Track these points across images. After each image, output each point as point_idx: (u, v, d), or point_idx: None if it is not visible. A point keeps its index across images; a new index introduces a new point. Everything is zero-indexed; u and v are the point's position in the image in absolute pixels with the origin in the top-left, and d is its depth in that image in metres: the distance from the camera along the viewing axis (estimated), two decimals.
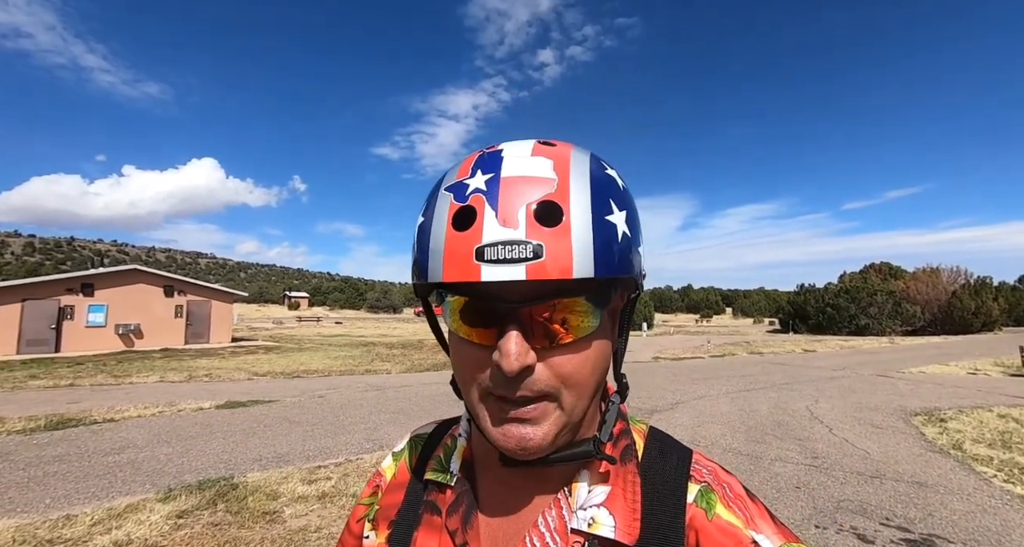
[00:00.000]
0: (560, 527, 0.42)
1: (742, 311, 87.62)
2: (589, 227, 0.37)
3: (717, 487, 0.44)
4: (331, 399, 8.14)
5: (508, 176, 0.39)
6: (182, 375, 10.90)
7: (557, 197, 0.37)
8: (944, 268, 43.43)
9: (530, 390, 0.39)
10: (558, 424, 0.40)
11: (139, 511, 3.46)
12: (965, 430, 6.20)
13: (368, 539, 0.52)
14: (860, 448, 5.35)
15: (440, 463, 0.51)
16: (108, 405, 7.28)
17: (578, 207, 0.38)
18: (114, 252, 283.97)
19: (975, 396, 8.78)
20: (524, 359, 0.37)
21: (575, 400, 0.40)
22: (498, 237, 0.36)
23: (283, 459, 4.82)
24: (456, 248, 0.37)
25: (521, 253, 0.35)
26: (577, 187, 0.39)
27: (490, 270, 0.36)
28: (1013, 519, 3.52)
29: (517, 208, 0.37)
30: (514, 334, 0.37)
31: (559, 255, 0.36)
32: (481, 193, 0.38)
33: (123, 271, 18.98)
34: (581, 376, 0.40)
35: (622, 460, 0.45)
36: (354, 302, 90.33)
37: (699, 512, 0.42)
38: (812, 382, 10.38)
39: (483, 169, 0.40)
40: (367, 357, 15.11)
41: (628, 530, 0.41)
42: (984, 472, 4.59)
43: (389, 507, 0.52)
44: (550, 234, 0.36)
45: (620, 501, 0.43)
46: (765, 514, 0.43)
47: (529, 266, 0.35)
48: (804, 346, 21.49)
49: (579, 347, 0.40)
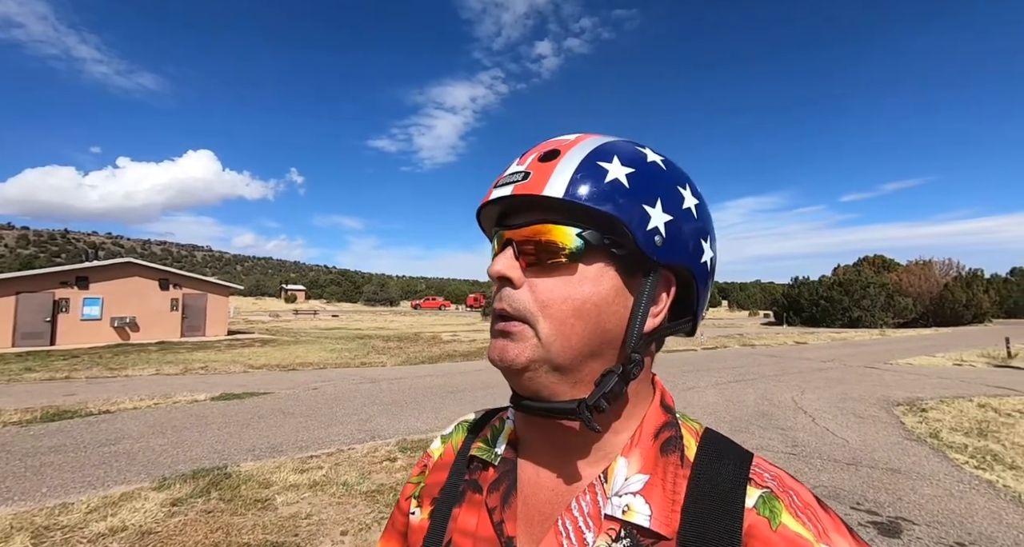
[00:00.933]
0: (594, 512, 0.42)
1: (738, 304, 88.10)
2: (575, 164, 0.43)
3: (782, 494, 0.41)
4: (325, 391, 8.25)
5: (549, 140, 0.48)
6: (178, 368, 10.98)
7: (562, 147, 0.45)
8: (937, 261, 43.80)
9: (509, 304, 0.43)
10: (532, 349, 0.42)
11: (134, 499, 3.55)
12: (944, 419, 6.36)
13: (414, 515, 0.54)
14: (840, 437, 5.50)
15: (487, 442, 0.53)
16: (104, 397, 7.36)
17: (574, 152, 0.44)
18: (109, 245, 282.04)
19: (958, 386, 8.96)
20: (504, 268, 0.43)
21: (553, 334, 0.42)
22: (510, 171, 0.46)
23: (276, 449, 4.92)
24: (493, 183, 0.47)
25: (516, 178, 0.44)
26: (584, 144, 0.46)
27: (495, 192, 0.45)
28: (978, 502, 3.67)
29: (533, 153, 0.46)
30: (508, 250, 0.45)
31: (540, 178, 0.43)
32: (526, 152, 0.48)
33: (118, 264, 18.93)
34: (560, 309, 0.42)
35: (663, 451, 0.44)
36: (351, 295, 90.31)
37: (761, 520, 0.39)
38: (800, 373, 10.55)
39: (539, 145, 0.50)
40: (363, 350, 15.21)
41: (666, 521, 0.40)
42: (956, 459, 4.74)
43: (434, 485, 0.55)
44: (540, 165, 0.44)
45: (658, 491, 0.42)
46: (841, 527, 0.39)
47: (516, 186, 0.44)
48: (796, 338, 21.72)
49: (562, 275, 0.43)
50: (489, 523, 0.46)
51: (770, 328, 32.97)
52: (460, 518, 0.48)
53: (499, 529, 0.45)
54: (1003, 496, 3.80)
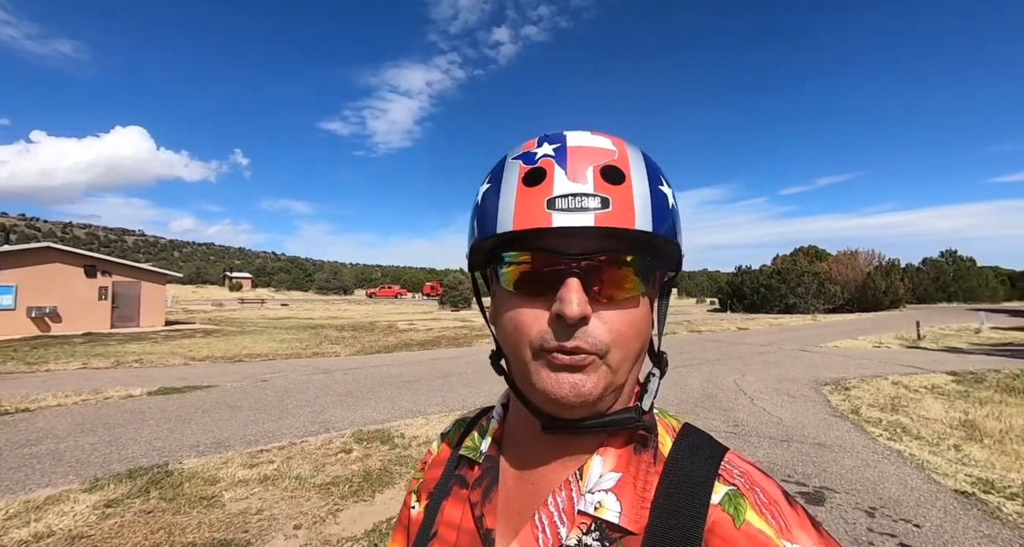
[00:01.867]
0: (568, 508, 0.44)
1: (686, 291, 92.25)
2: (647, 189, 0.42)
3: (748, 492, 0.41)
4: (275, 383, 7.94)
5: (574, 145, 0.44)
6: (108, 361, 10.19)
7: (619, 163, 0.43)
8: (862, 251, 47.66)
9: (585, 341, 0.40)
10: (606, 379, 0.42)
11: (61, 502, 3.31)
12: (864, 397, 7.01)
13: (414, 509, 0.57)
14: (775, 416, 5.94)
15: (473, 440, 0.56)
16: (22, 394, 6.73)
17: (637, 173, 0.43)
18: (23, 227, 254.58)
19: (876, 366, 9.88)
20: (584, 307, 0.40)
21: (621, 360, 0.42)
22: (568, 190, 0.40)
23: (223, 444, 4.71)
24: (527, 199, 0.41)
25: (590, 203, 0.40)
26: (635, 159, 0.44)
27: (561, 217, 0.39)
28: (888, 470, 4.10)
29: (585, 168, 0.41)
30: (575, 283, 0.40)
31: (623, 207, 0.40)
32: (550, 157, 0.43)
33: (35, 249, 17.16)
34: (629, 337, 0.43)
35: (637, 449, 0.45)
36: (301, 283, 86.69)
37: (725, 517, 0.39)
38: (742, 358, 11.25)
39: (549, 141, 0.45)
40: (315, 340, 14.72)
41: (635, 517, 0.41)
42: (873, 432, 5.26)
43: (431, 481, 0.57)
44: (615, 189, 0.41)
45: (629, 488, 0.43)
46: (805, 522, 0.40)
47: (598, 215, 0.39)
48: (739, 324, 23.10)
49: (630, 306, 0.43)
50: (471, 516, 0.48)
51: (715, 314, 34.84)
52: (447, 511, 0.51)
53: (479, 522, 0.47)
54: (909, 464, 4.27)
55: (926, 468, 4.15)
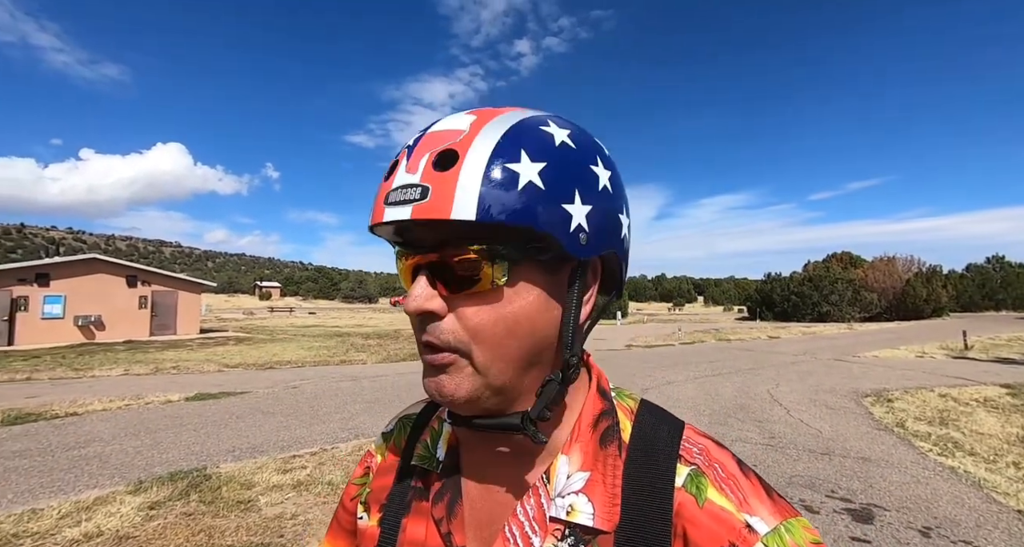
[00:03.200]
0: (538, 516, 0.42)
1: (713, 299, 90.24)
2: (480, 172, 0.37)
3: (708, 469, 0.42)
4: (305, 389, 8.10)
5: (432, 131, 0.41)
6: (148, 367, 10.60)
7: (459, 145, 0.39)
8: (900, 257, 45.74)
9: (436, 337, 0.39)
10: (471, 381, 0.40)
11: (109, 503, 3.43)
12: (909, 409, 6.67)
13: (362, 520, 0.53)
14: (814, 428, 5.71)
15: (426, 447, 0.51)
16: (70, 399, 7.05)
17: (475, 154, 0.38)
18: (70, 240, 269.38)
19: (920, 378, 9.40)
20: (423, 302, 0.39)
21: (489, 360, 0.39)
22: (402, 181, 0.38)
23: (257, 449, 4.81)
24: (379, 194, 0.40)
25: (411, 195, 0.37)
26: (484, 138, 0.39)
27: (389, 211, 0.38)
28: (942, 488, 3.87)
29: (422, 157, 0.39)
30: (421, 278, 0.39)
31: (442, 195, 0.36)
32: (407, 147, 0.41)
33: (82, 260, 18.13)
34: (494, 333, 0.39)
35: (602, 443, 0.44)
36: (328, 292, 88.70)
37: (689, 498, 0.40)
38: (774, 367, 10.89)
39: (421, 130, 0.43)
40: (342, 347, 14.98)
41: (607, 516, 0.40)
42: (921, 447, 4.98)
43: (380, 490, 0.53)
44: (439, 177, 0.37)
45: (599, 487, 0.41)
46: (760, 491, 0.41)
47: (415, 206, 0.37)
48: (769, 333, 22.40)
49: (490, 300, 0.39)
50: (437, 534, 0.45)
51: (744, 323, 33.90)
52: (408, 529, 0.47)
53: (448, 540, 0.44)
54: (964, 481, 4.02)
55: (984, 486, 3.90)
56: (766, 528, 0.38)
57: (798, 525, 0.39)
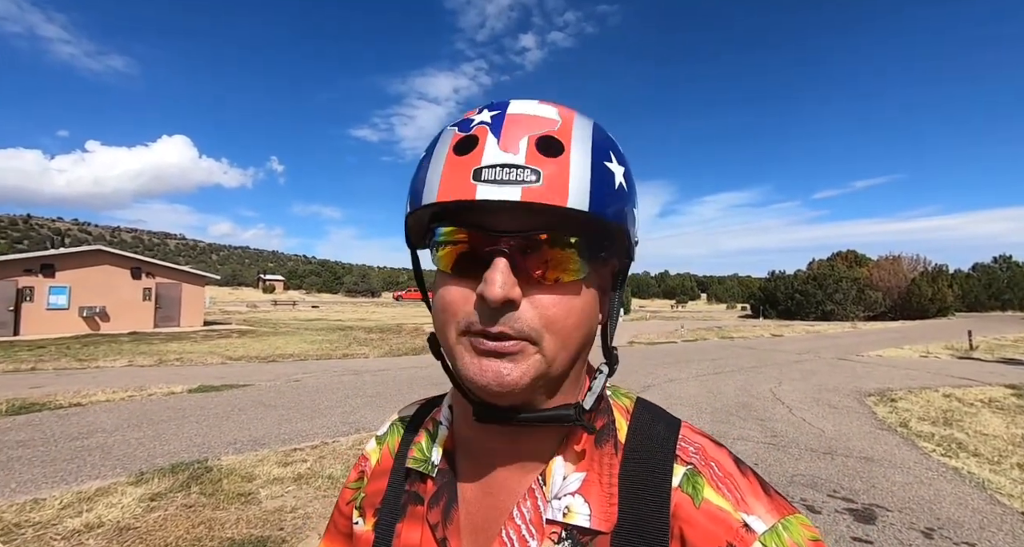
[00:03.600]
0: (535, 518, 0.41)
1: (716, 297, 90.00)
2: (588, 165, 0.37)
3: (704, 468, 0.42)
4: (307, 383, 8.12)
5: (514, 113, 0.40)
6: (152, 359, 10.66)
7: (559, 134, 0.38)
8: (905, 256, 45.40)
9: (511, 327, 0.37)
10: (537, 368, 0.38)
11: (110, 494, 3.44)
12: (912, 409, 6.62)
13: (357, 525, 0.53)
14: (816, 427, 5.68)
15: (421, 451, 0.50)
16: (74, 389, 7.10)
17: (579, 146, 0.38)
18: (75, 231, 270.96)
19: (925, 377, 9.34)
20: (509, 289, 0.36)
21: (557, 349, 0.39)
22: (497, 160, 0.36)
23: (258, 442, 4.83)
24: (454, 169, 0.37)
25: (519, 176, 0.35)
26: (579, 131, 0.39)
27: (486, 189, 0.36)
28: (945, 488, 3.84)
29: (519, 138, 0.37)
30: (502, 263, 0.37)
31: (556, 182, 0.36)
32: (486, 124, 0.39)
33: (87, 251, 18.22)
34: (566, 324, 0.39)
35: (598, 443, 0.43)
36: (331, 286, 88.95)
37: (685, 499, 0.40)
38: (777, 365, 10.84)
39: (489, 109, 0.41)
40: (344, 341, 15.02)
41: (604, 517, 0.40)
42: (925, 447, 4.95)
43: (374, 494, 0.52)
44: (549, 162, 0.36)
45: (596, 487, 0.41)
46: (757, 489, 0.41)
47: (526, 189, 0.35)
48: (772, 331, 22.32)
49: (566, 291, 0.39)
50: (432, 539, 0.44)
51: (747, 321, 33.77)
52: (404, 535, 0.46)
53: (443, 545, 0.44)
54: (968, 482, 3.99)
55: (988, 488, 3.87)
56: (764, 527, 0.38)
57: (796, 522, 0.38)
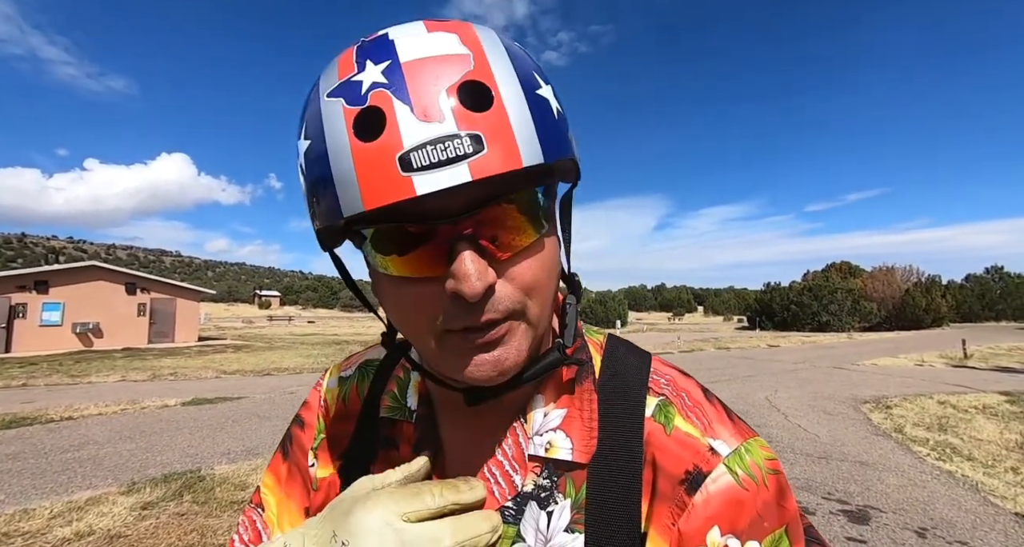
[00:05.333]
0: (517, 454, 0.42)
1: (713, 309, 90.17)
2: (524, 104, 0.31)
3: (675, 398, 0.43)
4: (302, 395, 8.06)
5: (411, 59, 0.31)
6: (145, 374, 10.57)
7: (478, 74, 0.31)
8: (898, 267, 45.82)
9: (496, 311, 0.33)
10: (528, 339, 0.36)
11: (101, 504, 3.41)
12: (907, 415, 6.64)
13: (313, 467, 0.51)
14: (812, 433, 5.68)
15: (395, 398, 0.49)
16: (65, 404, 7.03)
17: (506, 82, 0.31)
18: (70, 249, 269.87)
19: (920, 385, 9.37)
20: (486, 277, 0.32)
21: (540, 309, 0.37)
22: (424, 136, 0.29)
23: (252, 452, 4.79)
24: (370, 164, 0.29)
25: (457, 149, 0.29)
26: (497, 60, 0.32)
27: (425, 179, 0.28)
28: (939, 490, 3.85)
29: (436, 95, 0.30)
30: (467, 254, 0.31)
31: (501, 142, 0.30)
32: (382, 87, 0.30)
33: (81, 268, 18.20)
34: (543, 281, 0.36)
35: (577, 379, 0.43)
36: (327, 301, 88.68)
37: (657, 427, 0.41)
38: (773, 375, 10.85)
39: (372, 58, 0.32)
40: (340, 355, 14.93)
41: (585, 449, 0.41)
42: (919, 452, 4.96)
43: (338, 437, 0.50)
44: (484, 118, 0.30)
45: (577, 422, 0.42)
46: (723, 416, 0.42)
47: (472, 163, 0.29)
48: (769, 342, 22.35)
49: (534, 250, 0.35)
50: None
51: (744, 332, 33.83)
52: None
53: None
54: (962, 485, 4.00)
55: (981, 490, 3.88)
56: (728, 449, 0.39)
57: (756, 445, 0.40)
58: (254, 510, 0.53)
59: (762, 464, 0.39)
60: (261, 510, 0.52)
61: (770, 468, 0.40)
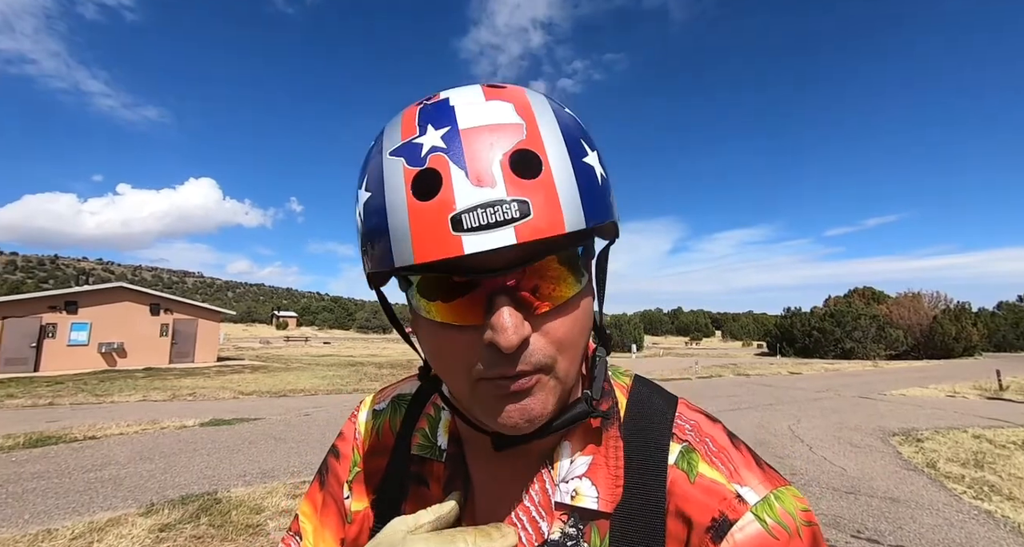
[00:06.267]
0: (544, 501, 0.42)
1: (731, 334, 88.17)
2: (570, 172, 0.34)
3: (699, 444, 0.42)
4: (317, 417, 8.09)
5: (469, 127, 0.34)
6: (166, 394, 10.74)
7: (530, 144, 0.34)
8: (925, 293, 44.43)
9: (528, 364, 0.35)
10: (555, 393, 0.38)
11: (120, 525, 3.45)
12: (940, 450, 6.35)
13: (348, 500, 0.52)
14: (838, 465, 5.47)
15: (426, 436, 0.50)
16: (89, 423, 7.17)
17: (555, 151, 0.34)
18: (99, 270, 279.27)
19: (952, 418, 8.96)
20: (522, 331, 0.34)
21: (569, 365, 0.38)
22: (475, 200, 0.31)
23: (268, 475, 4.81)
24: (424, 221, 0.32)
25: (505, 213, 0.31)
26: (547, 129, 0.35)
27: (473, 240, 0.31)
28: (978, 532, 3.65)
29: (490, 162, 0.32)
30: (506, 308, 0.34)
31: (547, 209, 0.32)
32: (441, 151, 0.33)
33: (109, 288, 18.78)
34: (574, 338, 0.38)
35: (603, 426, 0.44)
36: (343, 322, 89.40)
37: (680, 475, 0.41)
38: (796, 403, 10.51)
39: (433, 123, 0.35)
40: (355, 377, 14.98)
41: (610, 498, 0.40)
42: (955, 489, 4.72)
43: (372, 472, 0.51)
44: (532, 186, 0.32)
45: (603, 470, 0.42)
46: (750, 462, 0.41)
47: (518, 227, 0.31)
48: (790, 369, 21.71)
49: (569, 308, 0.37)
50: None
51: (763, 358, 32.91)
52: None
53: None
54: (1002, 526, 3.79)
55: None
56: (756, 497, 0.38)
57: (788, 494, 0.39)
58: (292, 538, 0.54)
59: (795, 514, 0.38)
60: (299, 538, 0.53)
61: (804, 519, 0.38)
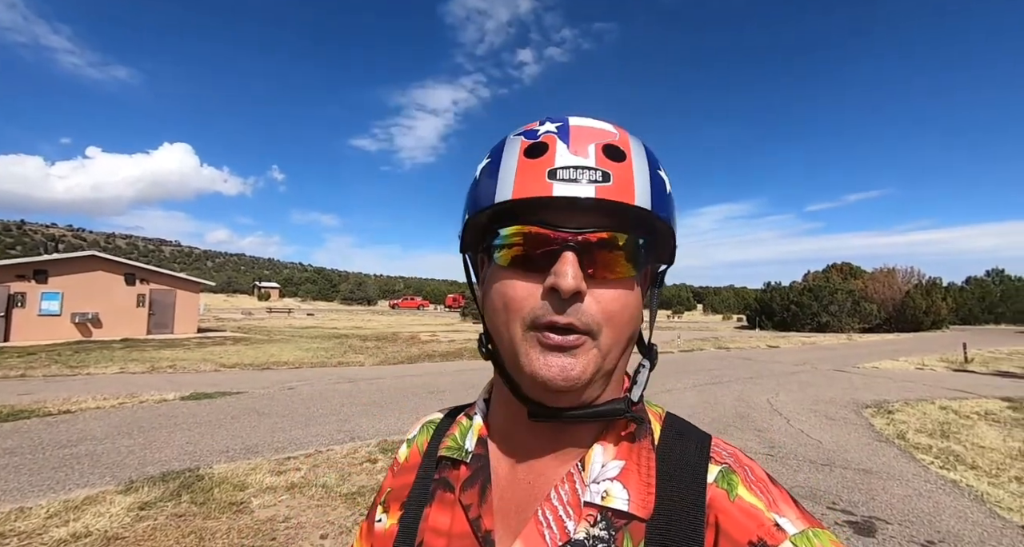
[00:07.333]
0: (573, 500, 0.43)
1: (712, 308, 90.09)
2: (647, 170, 0.43)
3: (739, 469, 0.44)
4: (302, 391, 8.03)
5: (577, 125, 0.44)
6: (144, 366, 10.53)
7: (619, 143, 0.43)
8: (899, 268, 45.69)
9: (578, 319, 0.40)
10: (595, 362, 0.41)
11: (98, 503, 3.37)
12: (909, 421, 6.61)
13: (380, 522, 0.52)
14: (814, 438, 5.65)
15: (455, 440, 0.52)
16: (64, 396, 6.99)
17: (637, 154, 0.43)
18: (69, 237, 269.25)
19: (921, 390, 9.34)
20: (580, 281, 0.39)
21: (611, 343, 0.42)
22: (570, 162, 0.41)
23: (251, 450, 4.75)
24: (528, 170, 0.41)
25: (591, 176, 0.40)
26: (635, 143, 0.45)
27: (562, 187, 0.40)
28: (944, 501, 3.81)
29: (587, 144, 0.42)
30: (571, 257, 0.40)
31: (624, 182, 0.41)
32: (552, 133, 0.43)
33: (81, 257, 18.09)
34: (622, 319, 0.42)
35: (637, 436, 0.45)
36: (327, 294, 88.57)
37: (720, 493, 0.42)
38: (774, 376, 10.83)
39: (551, 121, 0.45)
40: (340, 349, 14.91)
41: (642, 503, 0.42)
42: (923, 459, 4.93)
43: (401, 487, 0.53)
44: (616, 166, 0.41)
45: (634, 475, 0.43)
46: (788, 499, 0.43)
47: (599, 187, 0.40)
48: (769, 342, 22.32)
49: (623, 287, 0.42)
50: (464, 520, 0.45)
51: (743, 332, 33.79)
52: (431, 517, 0.47)
53: (475, 525, 0.45)
54: (967, 495, 3.97)
55: (987, 501, 3.85)
56: (795, 529, 0.39)
57: (824, 536, 0.39)
58: None
59: None
60: None
61: None
